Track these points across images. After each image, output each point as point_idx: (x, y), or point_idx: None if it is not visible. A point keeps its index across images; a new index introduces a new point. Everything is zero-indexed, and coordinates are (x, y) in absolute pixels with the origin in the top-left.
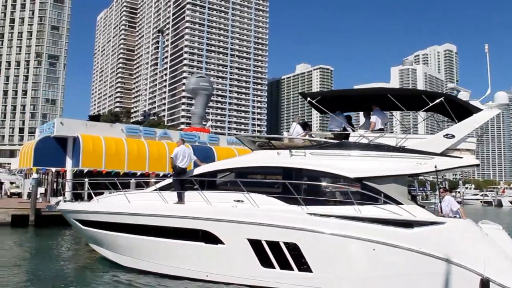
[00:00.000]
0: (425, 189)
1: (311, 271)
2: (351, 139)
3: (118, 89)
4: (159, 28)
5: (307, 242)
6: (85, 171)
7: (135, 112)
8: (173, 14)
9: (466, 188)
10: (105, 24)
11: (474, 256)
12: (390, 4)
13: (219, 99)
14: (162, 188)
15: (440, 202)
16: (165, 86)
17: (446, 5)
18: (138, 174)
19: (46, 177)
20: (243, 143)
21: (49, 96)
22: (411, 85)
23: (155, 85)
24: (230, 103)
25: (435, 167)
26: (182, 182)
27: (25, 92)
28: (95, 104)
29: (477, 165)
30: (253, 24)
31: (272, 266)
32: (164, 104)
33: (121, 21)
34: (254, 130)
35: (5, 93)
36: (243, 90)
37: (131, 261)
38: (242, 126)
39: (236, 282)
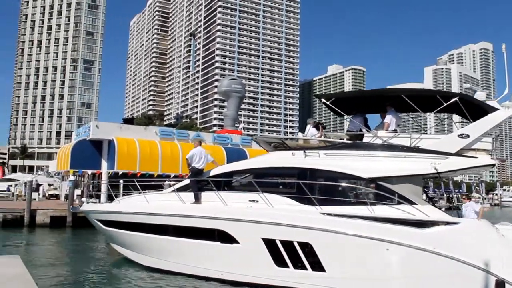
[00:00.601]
0: (460, 190)
1: (324, 271)
2: (365, 140)
3: (151, 92)
4: (191, 31)
5: (320, 242)
6: (120, 173)
7: (168, 115)
8: (205, 18)
9: (504, 190)
10: (138, 28)
11: (489, 257)
12: (423, 4)
13: (251, 101)
14: (179, 189)
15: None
16: (197, 89)
17: (482, 3)
18: (172, 176)
19: (82, 179)
20: (259, 144)
21: (85, 100)
22: (445, 85)
23: (188, 88)
24: (262, 105)
25: (435, 169)
26: (198, 182)
27: (61, 97)
28: (128, 108)
29: (493, 165)
30: (284, 25)
31: (286, 266)
32: (197, 106)
33: (154, 26)
34: (286, 132)
35: (43, 97)
36: (275, 92)
37: (150, 260)
38: (274, 128)
39: (251, 281)
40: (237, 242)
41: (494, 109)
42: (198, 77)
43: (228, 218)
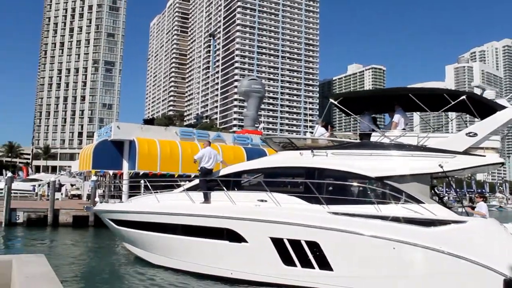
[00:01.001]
0: (483, 190)
1: (332, 270)
2: (372, 139)
3: (171, 93)
4: (211, 32)
5: (327, 241)
6: (140, 174)
7: (188, 115)
8: (224, 18)
9: None
10: (158, 29)
11: (497, 256)
12: (444, 2)
13: (271, 101)
14: (189, 189)
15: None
16: (217, 89)
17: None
18: (192, 176)
19: (104, 179)
20: (268, 144)
21: (106, 101)
22: (467, 83)
23: (207, 88)
24: (281, 105)
25: (441, 167)
26: (208, 182)
27: (83, 98)
28: (149, 108)
29: (502, 164)
30: (303, 25)
31: (294, 264)
32: (216, 107)
33: (174, 26)
34: (306, 132)
35: (65, 99)
36: (295, 92)
37: (160, 259)
38: (294, 128)
39: (260, 280)
40: (245, 241)
41: (502, 107)
42: (218, 77)
43: (237, 217)
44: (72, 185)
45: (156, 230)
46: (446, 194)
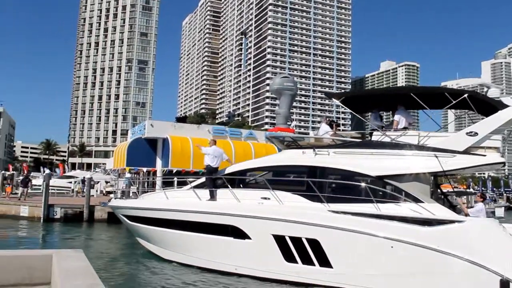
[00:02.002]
0: (499, 189)
1: (331, 267)
2: (374, 138)
3: (203, 91)
4: (242, 30)
5: (327, 239)
6: (174, 171)
7: (220, 113)
8: (256, 16)
9: None
10: (190, 28)
11: (494, 256)
12: None
13: (303, 98)
14: (196, 186)
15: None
16: (249, 87)
17: None
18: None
19: (138, 176)
20: (273, 143)
21: (139, 100)
22: (505, 79)
23: (239, 86)
24: (313, 103)
25: (441, 166)
26: (213, 180)
27: (117, 96)
28: (181, 106)
29: (503, 163)
30: (335, 22)
31: (295, 261)
32: (248, 104)
33: (205, 25)
34: (339, 129)
35: (100, 97)
36: (327, 89)
37: (169, 254)
38: (340, 125)
39: (263, 276)
40: (249, 237)
41: (504, 106)
42: (249, 75)
43: (240, 214)
44: (106, 182)
45: (165, 226)
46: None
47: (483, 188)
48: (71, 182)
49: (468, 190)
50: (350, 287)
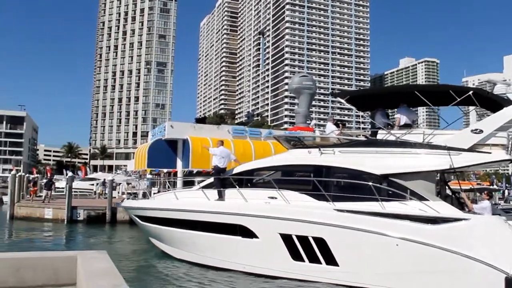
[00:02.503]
0: None
1: (337, 265)
2: (379, 137)
3: (222, 92)
4: (260, 30)
5: (333, 237)
6: (194, 172)
7: (239, 113)
8: (273, 16)
9: None
10: (207, 29)
11: (499, 254)
12: None
13: (322, 97)
14: (205, 187)
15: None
16: (267, 87)
17: None
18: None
19: (158, 178)
20: (280, 142)
21: (159, 101)
22: None
23: (258, 86)
24: (333, 101)
25: (451, 164)
26: (221, 180)
27: (137, 99)
28: (200, 107)
29: (509, 161)
30: (353, 20)
31: (302, 260)
32: (267, 104)
33: (223, 26)
34: (358, 128)
35: (120, 100)
36: (346, 88)
37: (180, 253)
38: (346, 124)
39: (271, 274)
40: (257, 237)
41: (509, 103)
42: (268, 75)
43: (248, 214)
44: (128, 184)
45: (174, 225)
46: (507, 190)
47: (507, 185)
48: (93, 184)
49: (491, 186)
50: (356, 285)
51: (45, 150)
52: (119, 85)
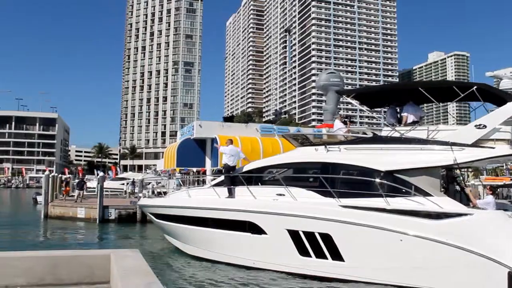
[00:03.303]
0: None
1: (343, 260)
2: (384, 133)
3: (249, 90)
4: (286, 27)
5: (339, 233)
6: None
7: (266, 111)
8: (299, 13)
9: None
10: (234, 28)
11: (502, 248)
12: None
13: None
14: (216, 185)
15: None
16: (294, 84)
17: None
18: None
19: (188, 176)
20: (289, 140)
21: (187, 101)
22: None
23: (285, 83)
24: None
25: (454, 160)
26: (231, 178)
27: (165, 99)
28: (228, 106)
29: None
30: (380, 15)
31: (309, 255)
32: (295, 102)
33: (249, 24)
34: (385, 124)
35: (148, 100)
36: (374, 84)
37: (192, 249)
38: (374, 120)
39: (279, 269)
40: (265, 233)
41: None
42: (295, 73)
43: (256, 210)
44: (157, 183)
45: (187, 222)
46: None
47: (456, 180)
48: (123, 184)
49: None
50: (361, 280)
51: (76, 151)
52: (147, 86)
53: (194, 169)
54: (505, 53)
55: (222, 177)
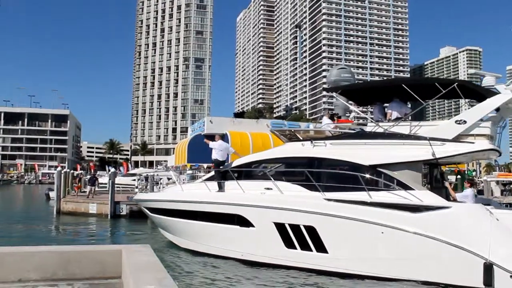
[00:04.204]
0: None
1: (327, 252)
2: (368, 129)
3: (260, 86)
4: (297, 23)
5: (323, 225)
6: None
7: (277, 107)
8: (309, 8)
9: None
10: (244, 24)
11: (479, 240)
12: None
13: None
14: (208, 179)
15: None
16: (305, 80)
17: None
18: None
19: (198, 172)
20: (277, 136)
21: (197, 97)
22: None
23: (296, 79)
24: None
25: (434, 155)
26: (221, 173)
27: (176, 95)
28: (238, 102)
29: (494, 150)
30: (391, 10)
31: (294, 247)
32: (305, 97)
33: (259, 20)
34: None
35: (159, 96)
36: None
37: (184, 242)
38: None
39: (267, 261)
40: (253, 225)
41: (492, 94)
42: (305, 68)
43: (245, 204)
44: (169, 179)
45: (178, 216)
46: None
47: (443, 174)
48: (134, 180)
49: None
50: (344, 272)
51: (88, 147)
52: (158, 82)
53: (205, 165)
54: None
55: (212, 172)
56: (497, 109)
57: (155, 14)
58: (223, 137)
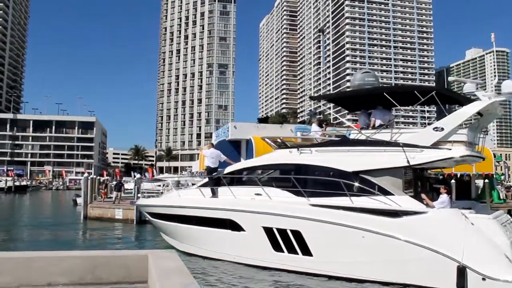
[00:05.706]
0: None
1: (312, 255)
2: (352, 136)
3: (284, 91)
4: (320, 27)
5: (307, 230)
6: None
7: (301, 112)
8: (332, 12)
9: None
10: (267, 29)
11: (453, 244)
12: None
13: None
14: (202, 185)
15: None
16: (329, 85)
17: None
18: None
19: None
20: (268, 143)
21: (221, 103)
22: None
23: (319, 84)
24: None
25: (407, 162)
26: (214, 179)
27: (200, 101)
28: (262, 107)
29: (469, 156)
30: (415, 12)
31: (282, 251)
32: None
33: (282, 25)
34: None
35: (183, 102)
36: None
37: (182, 246)
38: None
39: (256, 264)
40: (243, 230)
41: (469, 101)
42: (329, 73)
43: (236, 209)
44: (193, 184)
45: (176, 221)
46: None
47: (429, 180)
48: (160, 185)
49: None
50: (328, 274)
51: (113, 153)
52: (182, 88)
53: None
54: None
55: (207, 179)
56: (481, 115)
57: (178, 22)
58: (248, 143)
